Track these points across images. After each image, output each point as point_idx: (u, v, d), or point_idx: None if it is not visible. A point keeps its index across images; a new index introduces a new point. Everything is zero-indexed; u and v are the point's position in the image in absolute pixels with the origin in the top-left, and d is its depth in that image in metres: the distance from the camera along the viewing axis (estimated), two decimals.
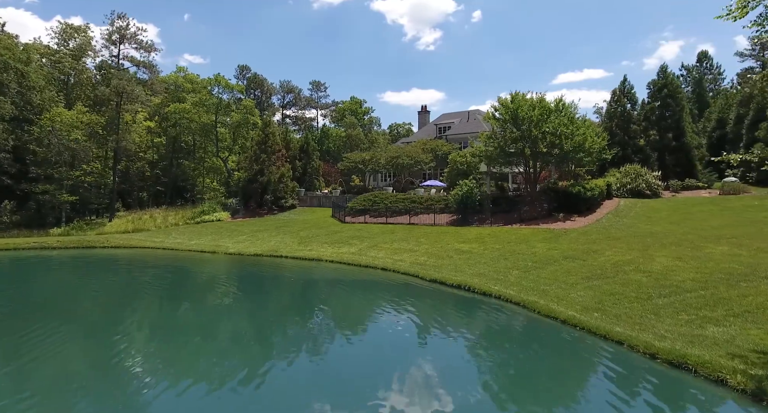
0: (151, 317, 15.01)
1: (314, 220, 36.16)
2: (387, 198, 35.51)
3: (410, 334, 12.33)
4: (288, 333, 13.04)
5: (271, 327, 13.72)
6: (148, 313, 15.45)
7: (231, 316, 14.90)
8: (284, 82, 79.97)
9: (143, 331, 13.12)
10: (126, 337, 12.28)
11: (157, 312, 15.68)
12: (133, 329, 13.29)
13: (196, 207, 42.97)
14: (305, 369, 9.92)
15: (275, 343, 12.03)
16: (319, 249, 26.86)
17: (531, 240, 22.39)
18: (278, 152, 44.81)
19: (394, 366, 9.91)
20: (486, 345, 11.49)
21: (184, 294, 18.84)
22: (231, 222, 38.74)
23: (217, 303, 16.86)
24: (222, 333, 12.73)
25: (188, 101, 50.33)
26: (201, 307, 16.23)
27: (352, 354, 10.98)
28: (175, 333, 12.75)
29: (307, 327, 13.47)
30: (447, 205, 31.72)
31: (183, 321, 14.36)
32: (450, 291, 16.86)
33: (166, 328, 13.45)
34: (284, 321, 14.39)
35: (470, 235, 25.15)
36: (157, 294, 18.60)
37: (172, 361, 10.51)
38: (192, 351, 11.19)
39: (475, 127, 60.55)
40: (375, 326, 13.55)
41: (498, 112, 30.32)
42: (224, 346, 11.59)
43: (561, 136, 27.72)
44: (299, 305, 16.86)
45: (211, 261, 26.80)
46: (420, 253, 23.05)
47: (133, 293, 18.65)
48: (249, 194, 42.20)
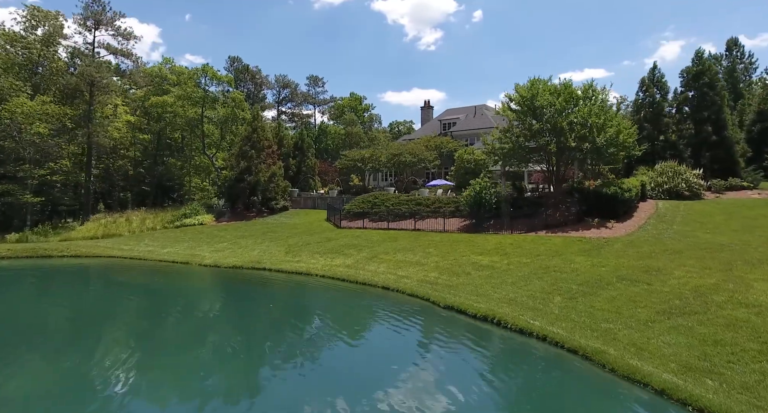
0: (34, 369, 10.91)
1: (307, 224, 32.08)
2: (388, 199, 31.43)
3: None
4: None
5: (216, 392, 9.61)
6: (34, 363, 11.34)
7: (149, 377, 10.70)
8: (280, 76, 75.92)
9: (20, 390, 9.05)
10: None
11: (50, 361, 11.50)
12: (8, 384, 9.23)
13: (177, 210, 38.92)
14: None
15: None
16: (309, 260, 22.80)
17: (566, 252, 18.29)
18: (269, 149, 40.73)
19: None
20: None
21: (113, 331, 14.69)
22: (214, 226, 34.68)
23: (144, 360, 12.45)
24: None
25: (173, 94, 46.27)
26: (123, 359, 11.69)
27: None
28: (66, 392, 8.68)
29: (270, 392, 9.37)
30: (458, 208, 27.64)
31: (80, 379, 10.12)
32: (472, 324, 12.80)
33: (53, 384, 9.36)
34: (237, 383, 10.27)
35: (488, 245, 21.06)
36: (79, 327, 14.46)
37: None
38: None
39: (483, 123, 56.59)
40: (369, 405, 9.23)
41: (514, 101, 26.24)
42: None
43: (592, 128, 23.64)
44: (260, 357, 12.63)
45: (179, 274, 22.73)
46: (429, 268, 18.98)
47: (52, 326, 14.57)
48: (236, 195, 38.14)
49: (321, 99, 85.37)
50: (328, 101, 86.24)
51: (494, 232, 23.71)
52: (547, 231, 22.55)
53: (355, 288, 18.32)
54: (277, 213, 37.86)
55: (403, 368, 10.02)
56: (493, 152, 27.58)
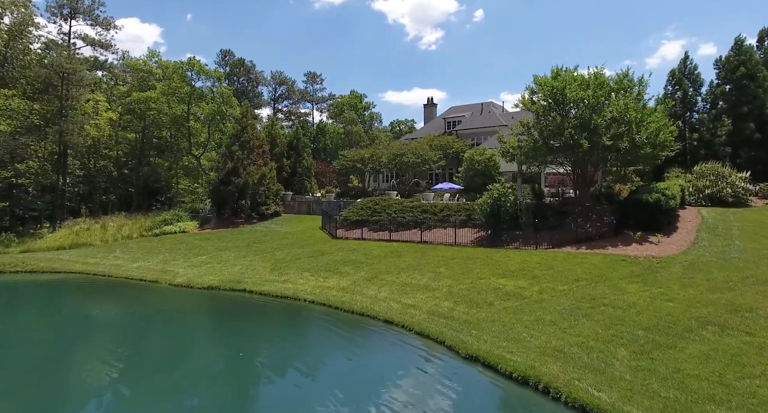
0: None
1: (299, 234, 28.59)
2: (390, 205, 27.93)
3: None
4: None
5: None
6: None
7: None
8: (276, 72, 72.36)
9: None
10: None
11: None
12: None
13: (158, 216, 35.44)
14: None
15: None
16: (298, 279, 19.32)
17: (611, 276, 14.80)
18: (259, 148, 37.25)
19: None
20: None
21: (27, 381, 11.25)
22: (196, 234, 31.19)
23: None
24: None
25: (157, 89, 42.77)
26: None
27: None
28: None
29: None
30: (470, 217, 24.14)
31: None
32: (509, 390, 9.33)
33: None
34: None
35: (511, 264, 17.56)
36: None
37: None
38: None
39: (490, 121, 53.16)
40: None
41: (536, 94, 22.75)
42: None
43: (630, 124, 20.13)
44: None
45: (142, 297, 19.26)
46: (441, 294, 15.50)
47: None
48: (222, 199, 34.63)
49: (319, 96, 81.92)
50: (326, 99, 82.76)
51: (515, 247, 20.19)
52: (578, 247, 19.03)
53: (351, 320, 14.85)
54: (268, 220, 34.38)
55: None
56: (509, 152, 24.05)
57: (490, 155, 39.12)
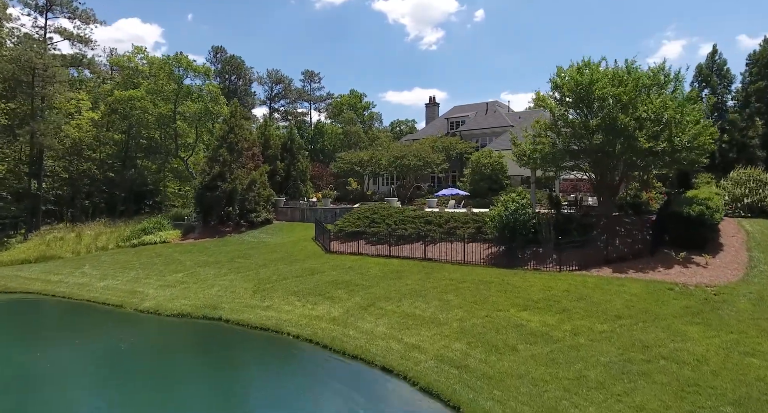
0: None
1: (289, 246, 25.84)
2: (390, 215, 25.16)
3: None
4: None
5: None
6: None
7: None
8: (273, 71, 69.54)
9: None
10: None
11: None
12: None
13: (138, 224, 32.70)
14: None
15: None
16: (283, 305, 16.60)
17: (661, 313, 12.04)
18: (249, 150, 34.50)
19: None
20: None
21: None
22: (178, 245, 28.46)
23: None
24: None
25: (142, 88, 40.10)
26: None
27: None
28: None
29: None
30: (479, 229, 21.37)
31: None
32: None
33: None
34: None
35: (533, 291, 14.80)
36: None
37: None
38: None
39: (496, 121, 50.44)
40: None
41: (560, 90, 20.00)
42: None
43: (669, 124, 17.38)
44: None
45: (98, 326, 16.53)
46: (451, 331, 12.78)
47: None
48: (208, 206, 31.88)
49: (317, 96, 79.20)
50: (324, 98, 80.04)
51: (534, 268, 17.41)
52: (610, 269, 16.26)
53: (342, 368, 12.11)
54: (258, 228, 31.60)
55: None
56: (525, 156, 21.28)
57: (497, 158, 36.46)
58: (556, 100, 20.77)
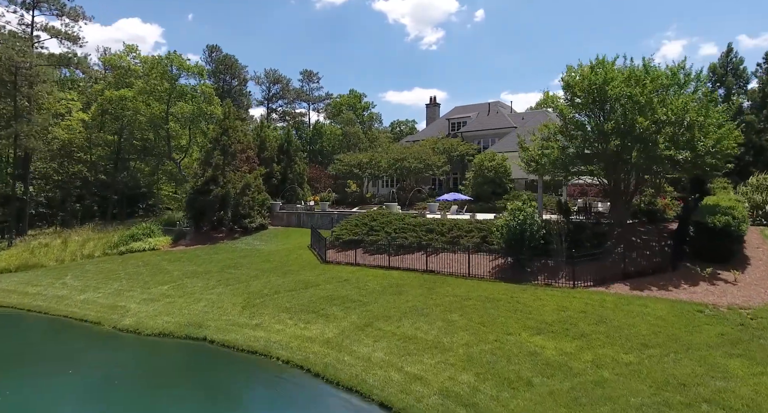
0: None
1: (283, 254, 24.53)
2: (390, 222, 23.84)
3: None
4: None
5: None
6: None
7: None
8: (270, 70, 68.21)
9: None
10: None
11: None
12: None
13: (128, 229, 31.38)
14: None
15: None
16: (273, 324, 15.29)
17: (693, 341, 10.74)
18: (243, 153, 33.22)
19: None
20: None
21: None
22: (167, 252, 27.15)
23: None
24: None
25: (134, 88, 38.79)
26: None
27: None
28: None
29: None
30: (485, 239, 20.06)
31: None
32: None
33: None
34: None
35: (546, 311, 13.49)
36: None
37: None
38: None
39: (498, 122, 49.17)
40: None
41: (571, 90, 18.69)
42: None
43: (692, 128, 16.09)
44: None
45: (69, 348, 15.21)
46: (456, 358, 11.48)
47: None
48: (200, 211, 30.57)
49: (316, 96, 77.88)
50: (323, 98, 78.74)
51: (545, 283, 16.11)
52: (628, 285, 14.96)
53: (335, 403, 10.80)
54: (252, 234, 30.29)
55: None
56: (533, 161, 19.97)
57: (501, 161, 35.18)
58: (567, 100, 19.50)
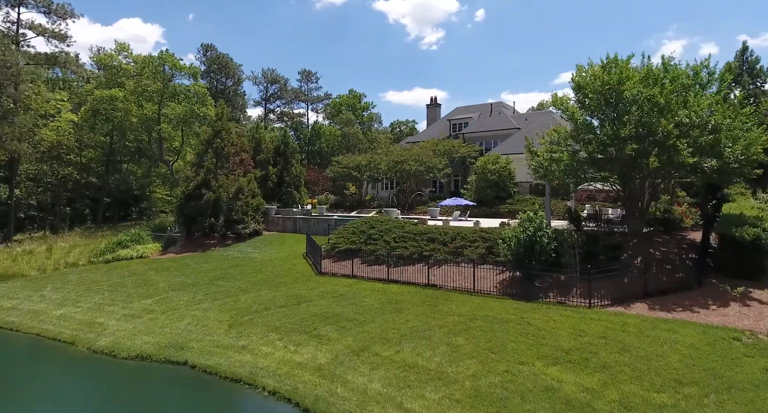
0: None
1: (277, 263, 23.23)
2: (389, 230, 22.52)
3: None
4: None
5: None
6: None
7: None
8: (268, 70, 66.85)
9: None
10: None
11: None
12: None
13: (117, 235, 30.07)
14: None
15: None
16: (260, 346, 13.99)
17: (734, 377, 9.44)
18: (236, 155, 31.93)
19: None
20: None
21: None
22: (156, 261, 25.85)
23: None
24: None
25: (125, 88, 37.50)
26: None
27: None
28: None
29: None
30: (490, 250, 18.76)
31: None
32: None
33: None
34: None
35: (561, 335, 12.19)
36: None
37: None
38: None
39: (501, 123, 47.92)
40: None
41: (582, 91, 17.40)
42: None
43: (718, 132, 14.79)
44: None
45: (32, 378, 13.89)
46: (462, 392, 10.19)
47: None
48: (190, 216, 29.28)
49: (314, 96, 76.52)
50: (322, 98, 77.41)
51: (558, 301, 14.79)
52: (649, 304, 13.64)
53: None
54: (246, 241, 28.98)
55: None
56: (542, 167, 18.67)
57: (504, 164, 33.92)
58: (578, 103, 18.20)
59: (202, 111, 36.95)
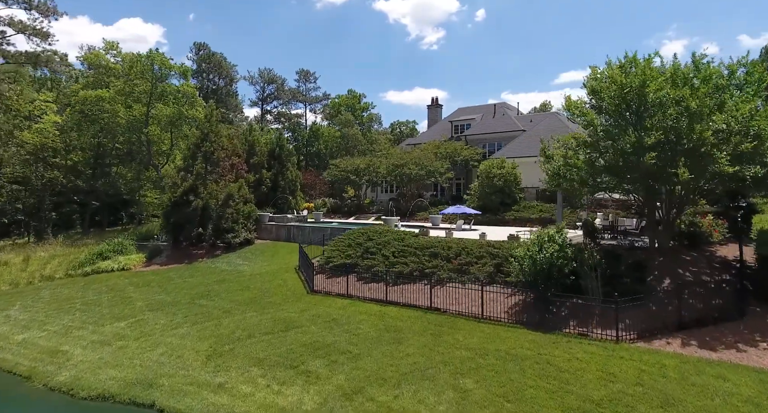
0: None
1: (266, 279, 21.45)
2: (388, 242, 20.72)
3: None
4: None
5: None
6: None
7: None
8: (265, 70, 65.01)
9: None
10: None
11: None
12: None
13: (99, 244, 28.30)
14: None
15: None
16: (240, 384, 12.21)
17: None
18: (227, 160, 30.17)
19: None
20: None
21: None
22: (138, 274, 24.09)
23: None
24: None
25: (111, 88, 35.75)
26: None
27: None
28: None
29: None
30: (499, 267, 16.98)
31: None
32: None
33: None
34: None
35: (588, 380, 10.41)
36: None
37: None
38: None
39: (504, 125, 46.21)
40: None
41: (597, 95, 15.63)
42: None
43: (764, 139, 13.02)
44: None
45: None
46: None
47: None
48: (177, 224, 27.51)
49: (313, 96, 74.68)
50: (321, 99, 75.56)
51: (580, 333, 12.98)
52: (687, 339, 11.85)
53: None
54: (236, 251, 27.22)
55: None
56: (558, 176, 16.89)
57: (510, 168, 32.16)
58: (594, 107, 16.43)
59: (190, 112, 35.13)
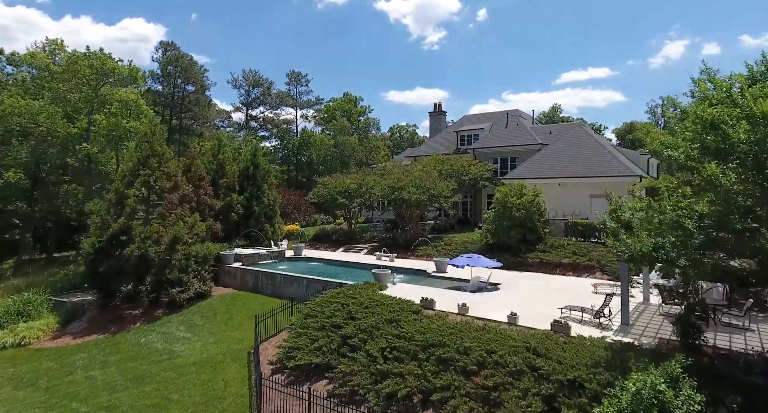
0: None
1: (203, 376, 15.01)
2: (376, 327, 14.25)
3: None
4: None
5: None
6: None
7: None
8: (249, 72, 58.43)
9: None
10: None
11: None
12: None
13: (8, 298, 21.88)
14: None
15: None
16: None
17: None
18: (175, 190, 23.70)
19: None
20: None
21: None
22: (35, 353, 17.68)
23: None
24: None
25: (45, 97, 29.41)
26: None
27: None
28: None
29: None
30: (551, 402, 10.56)
31: None
32: None
33: None
34: None
35: None
36: None
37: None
38: None
39: (519, 137, 39.83)
40: None
41: (720, 130, 9.19)
42: None
43: None
44: None
45: None
46: None
47: None
48: (104, 279, 21.06)
49: (304, 100, 68.23)
50: (313, 103, 69.13)
51: None
52: None
53: None
54: (184, 310, 20.86)
55: None
56: (640, 253, 10.48)
57: (532, 196, 25.90)
58: (707, 150, 9.95)
59: (132, 126, 28.72)
